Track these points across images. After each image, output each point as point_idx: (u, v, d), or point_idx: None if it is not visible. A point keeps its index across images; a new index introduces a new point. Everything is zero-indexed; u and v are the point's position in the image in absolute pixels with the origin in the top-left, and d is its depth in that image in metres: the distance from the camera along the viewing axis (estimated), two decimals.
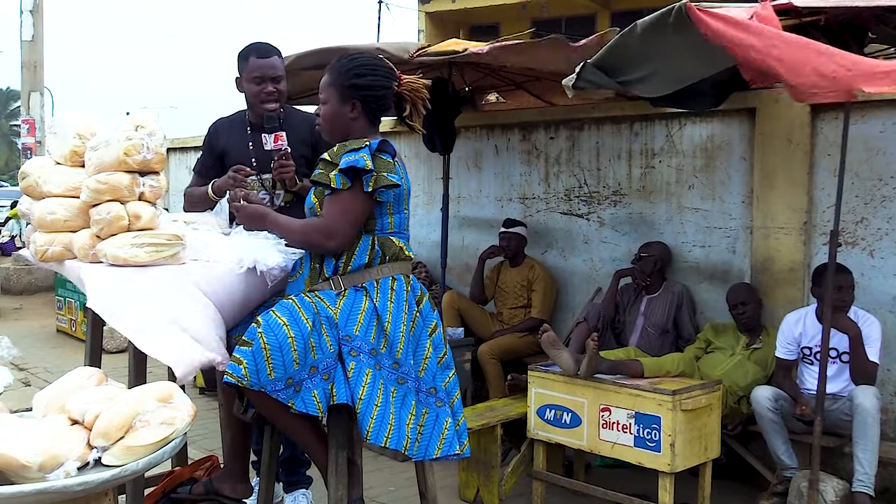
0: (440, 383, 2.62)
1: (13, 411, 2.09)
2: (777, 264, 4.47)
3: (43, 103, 12.99)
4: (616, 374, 3.87)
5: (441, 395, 2.61)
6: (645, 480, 3.86)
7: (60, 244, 2.78)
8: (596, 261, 5.31)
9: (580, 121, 5.33)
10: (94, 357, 3.19)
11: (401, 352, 2.54)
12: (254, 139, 3.35)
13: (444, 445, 2.59)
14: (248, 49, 3.36)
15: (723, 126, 4.69)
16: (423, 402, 2.58)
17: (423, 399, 2.58)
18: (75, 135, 2.87)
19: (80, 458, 1.82)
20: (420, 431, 2.55)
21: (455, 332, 5.16)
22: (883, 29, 3.68)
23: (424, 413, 2.57)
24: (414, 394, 2.56)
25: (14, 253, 12.13)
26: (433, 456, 2.58)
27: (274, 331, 2.43)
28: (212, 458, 3.45)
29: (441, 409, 2.60)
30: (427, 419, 2.57)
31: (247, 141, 3.38)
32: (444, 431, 2.59)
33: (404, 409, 2.53)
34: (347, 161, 2.51)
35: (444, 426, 2.59)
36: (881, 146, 4.17)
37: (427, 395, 2.59)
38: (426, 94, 2.74)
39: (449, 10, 15.01)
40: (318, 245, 2.57)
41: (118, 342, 7.52)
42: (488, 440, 4.03)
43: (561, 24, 16.01)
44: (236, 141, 3.41)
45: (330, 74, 2.68)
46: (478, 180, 5.95)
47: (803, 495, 3.62)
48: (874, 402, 3.63)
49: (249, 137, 3.39)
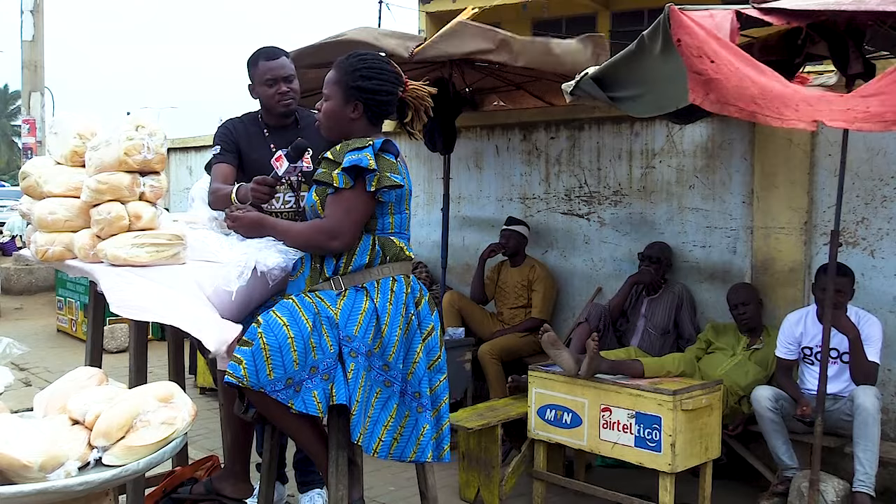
0: (426, 388, 2.63)
1: (13, 411, 2.09)
2: (777, 264, 4.47)
3: (43, 103, 13.00)
4: (616, 375, 3.87)
5: (424, 400, 2.63)
6: (645, 480, 3.86)
7: (61, 244, 2.79)
8: (596, 261, 5.31)
9: (581, 121, 5.33)
10: (94, 357, 3.20)
11: (393, 355, 2.55)
12: (274, 141, 3.34)
13: (418, 451, 2.62)
14: (255, 54, 3.36)
15: (723, 126, 4.68)
16: (406, 406, 2.60)
17: (406, 402, 2.60)
18: (76, 135, 2.88)
19: (81, 458, 1.83)
20: (399, 433, 2.59)
21: (455, 332, 5.16)
22: (882, 29, 3.67)
23: (406, 416, 2.60)
24: (398, 397, 2.58)
25: (15, 253, 12.14)
26: (407, 459, 2.62)
27: (274, 331, 2.43)
28: (212, 458, 3.45)
29: (421, 414, 2.62)
30: (407, 422, 2.60)
31: (268, 144, 3.34)
32: (420, 437, 2.62)
33: (385, 411, 2.56)
34: (350, 160, 2.50)
35: (422, 432, 2.62)
36: (881, 146, 4.17)
37: (411, 399, 2.61)
38: (430, 101, 2.73)
39: (449, 10, 15.02)
40: (322, 246, 2.57)
41: (118, 342, 7.54)
42: (489, 440, 4.03)
43: (561, 24, 16.02)
44: (257, 144, 3.35)
45: (336, 72, 2.66)
46: (478, 180, 5.95)
47: (804, 495, 3.62)
48: (874, 403, 3.63)
49: (270, 140, 3.36)
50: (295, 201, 3.27)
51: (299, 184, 3.27)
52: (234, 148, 3.33)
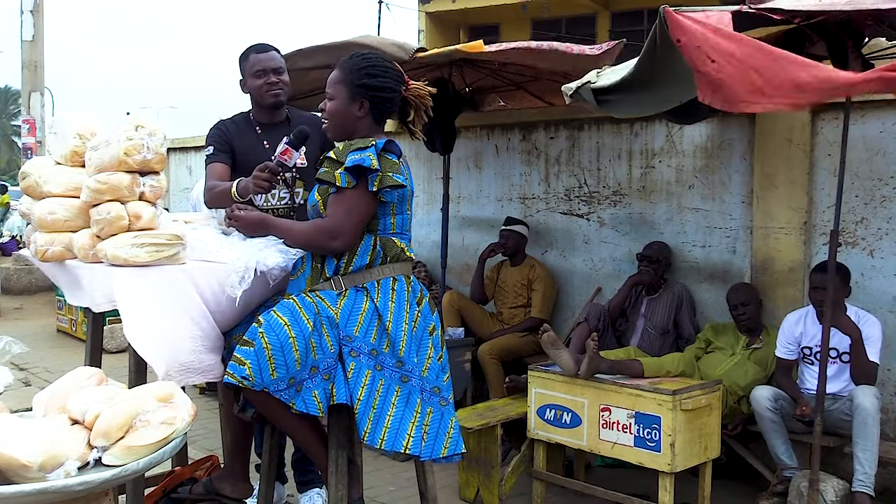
0: (442, 383, 2.62)
1: (13, 411, 2.09)
2: (777, 264, 4.47)
3: (43, 103, 13.00)
4: (616, 374, 3.87)
5: (445, 393, 2.61)
6: (645, 480, 3.86)
7: (61, 244, 2.78)
8: (596, 261, 5.31)
9: (580, 121, 5.33)
10: (94, 357, 3.19)
11: (403, 350, 2.53)
12: (266, 139, 3.34)
13: (451, 444, 2.59)
14: (247, 49, 3.42)
15: (723, 126, 4.69)
16: (428, 402, 2.57)
17: (426, 398, 2.57)
18: (75, 135, 2.87)
19: (81, 457, 1.82)
20: (426, 430, 2.55)
21: (455, 332, 5.16)
22: (881, 29, 3.67)
23: (429, 412, 2.57)
24: (418, 392, 2.55)
25: (14, 253, 12.14)
26: (440, 455, 2.57)
27: (275, 330, 2.43)
28: (212, 457, 3.45)
29: (445, 408, 2.60)
30: (432, 418, 2.57)
31: (261, 141, 3.36)
32: (450, 430, 2.59)
33: (408, 408, 2.52)
34: (353, 159, 2.51)
35: (450, 425, 2.59)
36: (881, 146, 4.17)
37: (431, 395, 2.58)
38: (430, 101, 2.75)
39: (449, 11, 15.03)
40: (323, 245, 2.57)
41: (118, 342, 7.53)
42: (488, 440, 4.03)
43: (561, 24, 16.02)
44: (250, 143, 3.36)
45: (340, 71, 2.66)
46: (478, 180, 5.95)
47: (803, 495, 3.63)
48: (874, 402, 3.63)
49: (262, 137, 3.37)
50: (290, 197, 3.27)
51: (294, 179, 3.28)
52: (228, 148, 3.34)
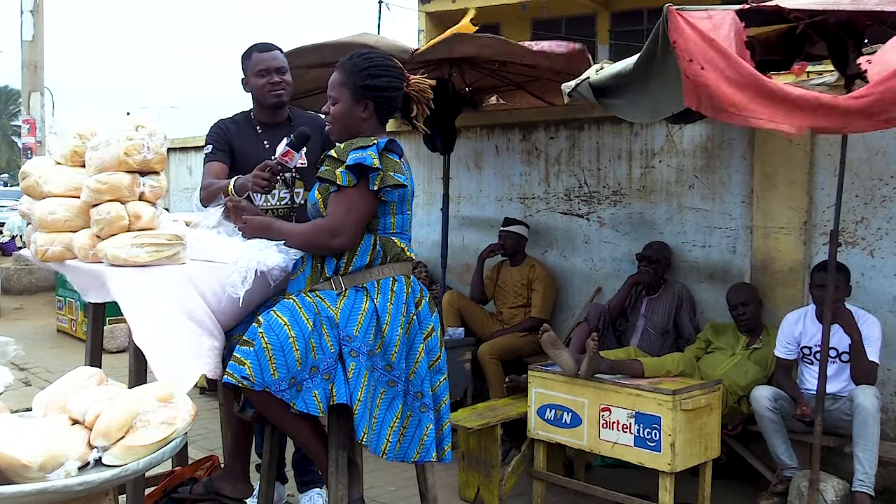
0: (427, 388, 2.63)
1: (13, 411, 2.09)
2: (777, 264, 4.47)
3: (43, 103, 12.99)
4: (616, 374, 3.87)
5: (427, 400, 2.63)
6: (645, 480, 3.86)
7: (61, 244, 2.78)
8: (596, 261, 5.31)
9: (580, 121, 5.33)
10: (94, 357, 3.19)
11: (395, 355, 2.55)
12: (267, 138, 3.34)
13: (422, 451, 2.62)
14: (249, 48, 3.41)
15: (723, 126, 4.68)
16: (409, 406, 2.61)
17: (409, 402, 2.61)
18: (76, 135, 2.87)
19: (81, 457, 1.82)
20: (402, 433, 2.59)
21: (455, 332, 5.16)
22: (881, 29, 3.67)
23: (409, 416, 2.60)
24: (402, 397, 2.58)
25: (15, 253, 12.14)
26: (411, 459, 2.62)
27: (275, 330, 2.43)
28: (212, 457, 3.45)
29: (424, 414, 2.63)
30: (410, 422, 2.60)
31: (261, 141, 3.35)
32: (424, 437, 2.62)
33: (390, 412, 2.56)
34: (354, 158, 2.50)
35: (425, 432, 2.62)
36: (881, 146, 4.17)
37: (413, 399, 2.61)
38: (431, 94, 2.75)
39: (449, 10, 15.02)
40: (323, 245, 2.57)
41: (118, 342, 7.53)
42: (488, 440, 4.03)
43: (561, 24, 16.03)
44: (250, 143, 3.36)
45: (341, 73, 2.65)
46: (478, 180, 5.95)
47: (803, 495, 3.63)
48: (874, 402, 3.63)
49: (262, 137, 3.37)
50: (290, 197, 3.27)
51: (293, 180, 3.28)
52: (227, 147, 3.34)
